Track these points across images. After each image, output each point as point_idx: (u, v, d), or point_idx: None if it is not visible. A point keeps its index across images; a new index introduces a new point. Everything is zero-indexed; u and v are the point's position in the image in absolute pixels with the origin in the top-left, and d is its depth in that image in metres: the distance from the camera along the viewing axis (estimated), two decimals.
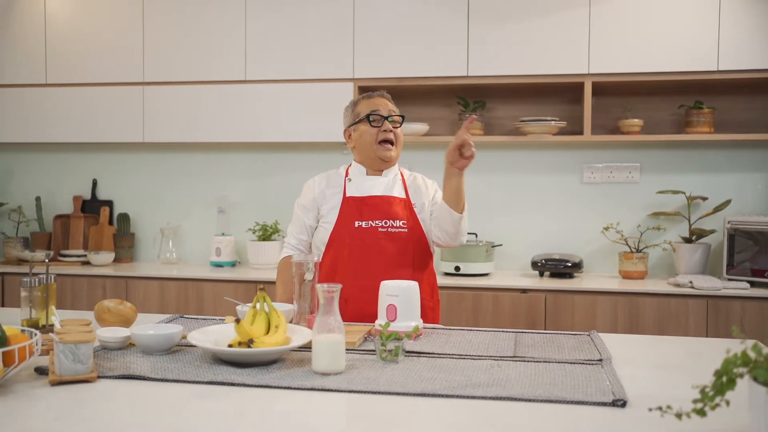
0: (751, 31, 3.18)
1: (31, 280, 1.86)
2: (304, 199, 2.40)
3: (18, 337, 1.45)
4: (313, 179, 2.43)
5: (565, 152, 3.64)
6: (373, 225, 2.28)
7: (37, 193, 4.13)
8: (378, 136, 2.31)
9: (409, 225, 2.30)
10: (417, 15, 3.44)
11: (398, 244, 2.27)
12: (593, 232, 3.57)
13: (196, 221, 3.98)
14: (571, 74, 3.34)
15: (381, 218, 2.28)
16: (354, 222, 2.28)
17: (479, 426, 1.26)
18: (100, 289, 3.50)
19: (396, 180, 2.38)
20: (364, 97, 2.39)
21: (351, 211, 2.30)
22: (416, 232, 2.31)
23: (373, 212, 2.29)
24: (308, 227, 2.39)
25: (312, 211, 2.37)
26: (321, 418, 1.33)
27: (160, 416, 1.30)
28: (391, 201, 2.31)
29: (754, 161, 3.48)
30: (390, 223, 2.28)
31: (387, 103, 2.36)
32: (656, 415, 1.27)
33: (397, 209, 2.30)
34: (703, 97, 3.45)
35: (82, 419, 1.28)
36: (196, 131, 3.66)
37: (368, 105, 2.35)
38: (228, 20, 3.60)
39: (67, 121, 3.78)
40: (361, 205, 2.30)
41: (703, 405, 1.09)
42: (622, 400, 1.35)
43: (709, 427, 1.21)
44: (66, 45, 3.77)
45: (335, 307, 1.58)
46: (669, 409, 1.11)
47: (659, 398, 1.39)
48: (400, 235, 2.28)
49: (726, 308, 3.00)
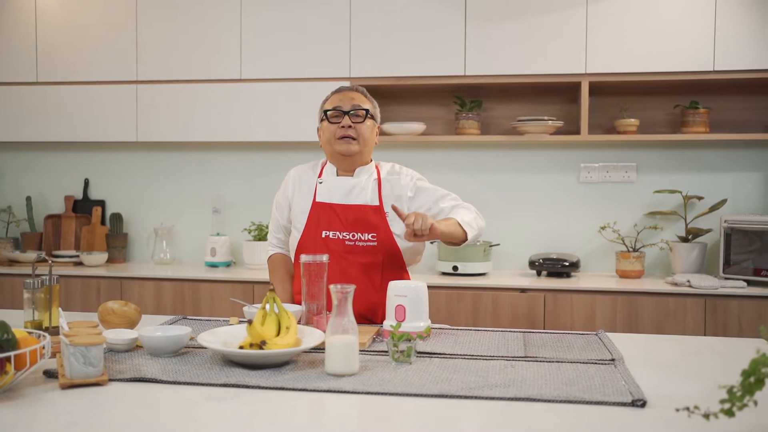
0: (747, 31, 3.20)
1: (34, 281, 1.83)
2: (279, 195, 2.34)
3: (27, 340, 1.42)
4: (291, 173, 2.33)
5: (562, 152, 3.64)
6: (341, 237, 2.16)
7: (28, 192, 4.07)
8: (336, 132, 2.18)
9: (379, 237, 2.15)
10: (414, 14, 3.43)
11: (365, 259, 2.14)
12: (590, 231, 3.58)
13: (191, 221, 3.94)
14: (568, 74, 3.35)
15: (348, 230, 2.16)
16: (321, 232, 2.17)
17: (498, 427, 1.25)
18: (94, 290, 3.46)
19: (369, 182, 2.21)
20: (332, 93, 2.28)
21: (319, 219, 2.18)
22: (386, 245, 2.16)
23: (341, 223, 2.16)
24: (283, 227, 2.34)
25: (285, 210, 2.31)
26: (337, 420, 1.32)
27: (175, 419, 1.28)
28: (360, 210, 2.17)
29: (750, 161, 3.50)
30: (358, 236, 2.15)
31: (354, 97, 2.21)
32: (676, 415, 1.26)
33: (367, 220, 2.16)
34: (699, 97, 3.47)
35: (97, 422, 1.25)
36: (191, 130, 3.62)
37: (332, 101, 2.24)
38: (223, 17, 3.57)
39: (58, 119, 3.73)
40: (330, 212, 2.18)
41: (731, 405, 1.08)
42: (642, 400, 1.35)
43: (734, 428, 1.21)
44: (57, 42, 3.72)
45: (348, 307, 1.56)
46: (696, 409, 1.11)
47: (675, 398, 1.39)
48: (367, 249, 2.15)
49: (724, 307, 3.02)
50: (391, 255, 2.18)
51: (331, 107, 2.22)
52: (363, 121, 2.20)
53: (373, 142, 2.26)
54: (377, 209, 2.18)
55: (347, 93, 2.24)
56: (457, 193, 2.30)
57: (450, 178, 3.54)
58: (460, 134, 3.54)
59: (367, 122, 2.21)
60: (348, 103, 2.20)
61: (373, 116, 2.24)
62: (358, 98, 2.23)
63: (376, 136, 2.28)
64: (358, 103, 2.21)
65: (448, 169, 3.66)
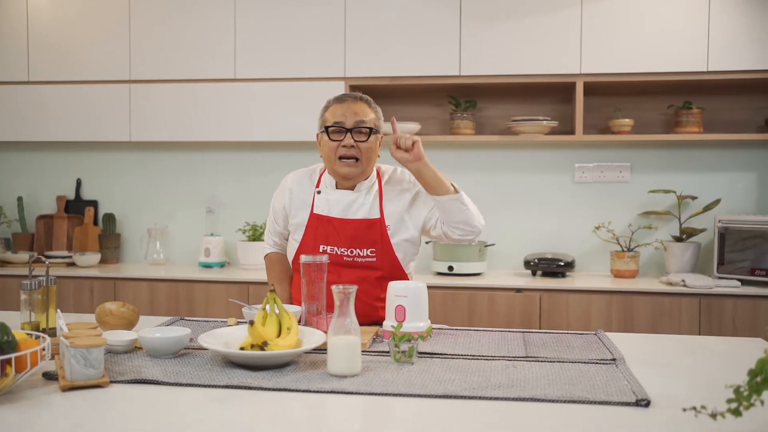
0: (740, 32, 3.22)
1: (31, 282, 1.81)
2: (276, 201, 2.26)
3: (27, 342, 1.40)
4: (288, 179, 2.25)
5: (556, 152, 3.65)
6: (338, 253, 2.08)
7: (19, 192, 4.04)
8: (337, 151, 2.06)
9: (379, 253, 2.09)
10: (409, 14, 3.43)
11: (365, 274, 2.08)
12: (585, 231, 3.59)
13: (184, 221, 3.92)
14: (563, 74, 3.35)
15: (347, 246, 2.08)
16: (319, 246, 2.10)
17: (502, 427, 1.25)
18: (88, 291, 3.43)
19: (370, 194, 2.13)
20: (334, 101, 2.13)
21: (317, 232, 2.11)
22: (387, 260, 2.10)
23: (339, 238, 2.09)
24: (279, 233, 2.30)
25: (282, 219, 2.24)
26: (340, 421, 1.31)
27: (180, 421, 1.27)
28: (359, 225, 2.09)
29: (743, 161, 3.52)
30: (356, 252, 2.08)
31: (357, 111, 2.07)
32: (681, 415, 1.27)
33: (366, 235, 2.09)
34: (692, 97, 3.48)
35: (101, 425, 1.24)
36: (185, 130, 3.60)
37: (333, 113, 2.09)
38: (217, 16, 3.55)
39: (50, 119, 3.70)
40: (328, 226, 2.11)
41: (738, 405, 1.09)
42: (646, 399, 1.35)
43: (738, 428, 1.21)
44: (49, 41, 3.69)
45: (351, 308, 1.56)
46: (704, 409, 1.11)
47: (678, 397, 1.39)
48: (366, 265, 2.09)
49: (718, 306, 3.03)
50: (392, 269, 2.12)
51: (332, 121, 2.08)
52: (366, 140, 2.08)
53: (375, 157, 2.14)
54: (377, 222, 2.11)
55: (351, 105, 2.09)
56: None
57: None
58: (455, 134, 3.54)
59: (371, 139, 2.09)
60: (351, 118, 2.07)
61: (377, 131, 2.12)
62: (362, 111, 2.09)
63: (379, 147, 2.15)
64: (362, 118, 2.07)
65: (443, 170, 3.61)
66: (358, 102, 2.11)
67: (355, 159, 2.08)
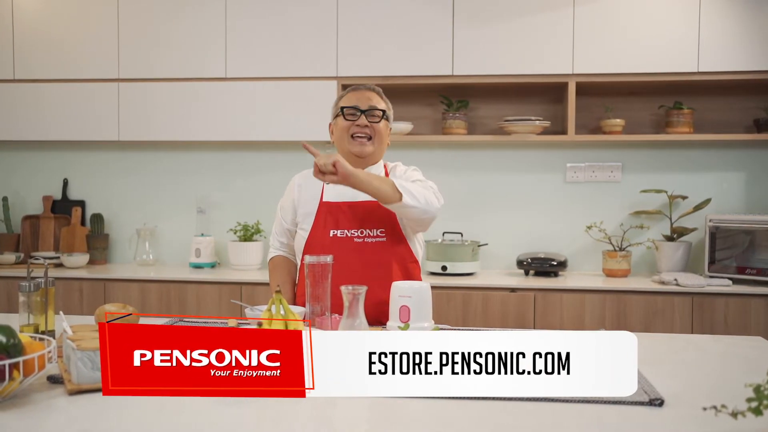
0: (731, 33, 3.25)
1: (29, 284, 1.78)
2: (284, 200, 2.33)
3: (33, 345, 1.38)
4: (295, 179, 2.33)
5: (548, 152, 3.66)
6: (349, 235, 2.15)
7: (4, 192, 3.97)
8: (351, 129, 2.19)
9: (388, 232, 2.16)
10: (401, 13, 3.42)
11: (375, 256, 2.14)
12: (577, 230, 3.61)
13: (174, 222, 3.88)
14: (555, 74, 3.37)
15: (356, 227, 2.15)
16: (329, 231, 2.16)
17: (515, 427, 1.25)
18: (77, 292, 3.38)
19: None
20: (349, 90, 2.27)
21: (326, 218, 2.18)
22: (396, 239, 2.18)
23: (349, 220, 2.16)
24: (286, 230, 2.32)
25: (290, 214, 2.29)
26: (348, 422, 1.30)
27: (186, 424, 1.25)
28: (369, 207, 2.16)
29: (733, 161, 3.56)
30: (366, 233, 2.15)
31: (371, 97, 2.22)
32: (696, 414, 1.27)
33: (376, 216, 2.16)
34: (682, 97, 3.51)
35: (111, 428, 1.23)
36: (175, 129, 3.56)
37: (349, 99, 2.23)
38: (208, 14, 3.52)
39: (36, 117, 3.64)
40: (337, 211, 2.18)
41: (759, 404, 1.09)
42: (660, 398, 1.35)
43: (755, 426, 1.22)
44: (36, 38, 3.63)
45: (360, 308, 1.55)
46: (724, 408, 1.11)
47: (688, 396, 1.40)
48: (376, 245, 2.15)
49: (710, 305, 3.06)
50: (401, 249, 2.18)
51: (348, 104, 2.21)
52: (379, 122, 2.21)
53: (386, 142, 2.27)
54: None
55: (364, 93, 2.24)
56: (444, 192, 2.26)
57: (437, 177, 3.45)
58: (447, 134, 3.54)
59: (383, 122, 2.22)
60: (365, 102, 2.21)
61: (387, 117, 2.25)
62: (375, 99, 2.23)
63: (388, 137, 2.29)
64: (375, 104, 2.21)
65: (435, 169, 3.64)
66: (370, 91, 2.26)
67: (368, 138, 2.19)
